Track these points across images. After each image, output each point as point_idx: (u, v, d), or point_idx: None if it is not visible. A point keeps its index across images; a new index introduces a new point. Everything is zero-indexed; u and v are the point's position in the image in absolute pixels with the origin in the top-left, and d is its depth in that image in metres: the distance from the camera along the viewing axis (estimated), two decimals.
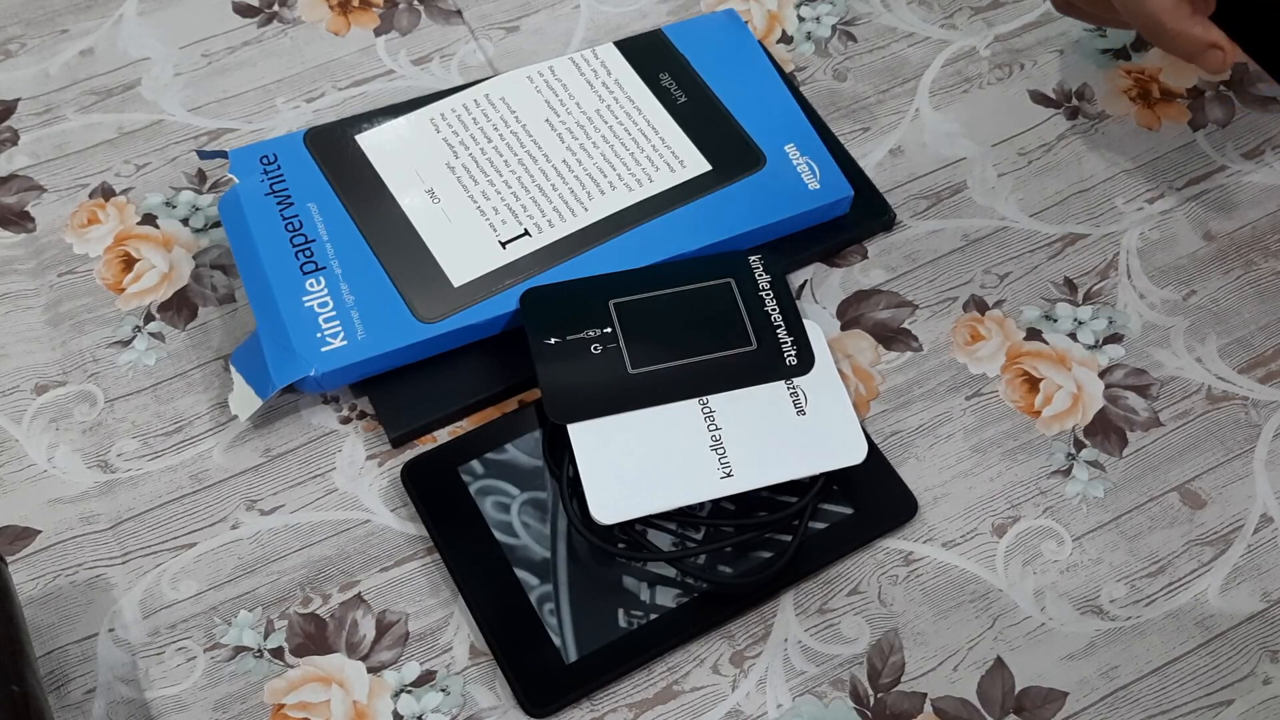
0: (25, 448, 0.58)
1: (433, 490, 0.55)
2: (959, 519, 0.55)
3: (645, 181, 0.61)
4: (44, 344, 0.61)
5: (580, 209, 0.60)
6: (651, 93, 0.64)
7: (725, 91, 0.65)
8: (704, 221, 0.60)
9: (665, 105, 0.64)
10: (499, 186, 0.61)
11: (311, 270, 0.58)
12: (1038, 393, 0.59)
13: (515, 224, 0.59)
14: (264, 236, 0.59)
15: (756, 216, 0.60)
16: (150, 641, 0.53)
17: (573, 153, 0.62)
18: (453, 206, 0.60)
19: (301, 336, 0.56)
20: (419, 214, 0.60)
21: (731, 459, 0.53)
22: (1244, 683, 0.51)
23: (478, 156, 0.62)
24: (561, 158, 0.62)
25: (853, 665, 0.52)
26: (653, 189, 0.61)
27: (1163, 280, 0.62)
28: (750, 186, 0.61)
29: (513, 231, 0.59)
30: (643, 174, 0.61)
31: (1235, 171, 0.66)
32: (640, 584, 0.53)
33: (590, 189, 0.61)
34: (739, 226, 0.60)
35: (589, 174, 0.61)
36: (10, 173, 0.66)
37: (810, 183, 0.61)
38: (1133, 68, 0.70)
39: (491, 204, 0.60)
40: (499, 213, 0.60)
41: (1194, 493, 0.56)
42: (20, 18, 0.72)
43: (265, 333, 0.56)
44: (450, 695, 0.51)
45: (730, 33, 0.68)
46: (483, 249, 0.59)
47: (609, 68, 0.65)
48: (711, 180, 0.61)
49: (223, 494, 0.56)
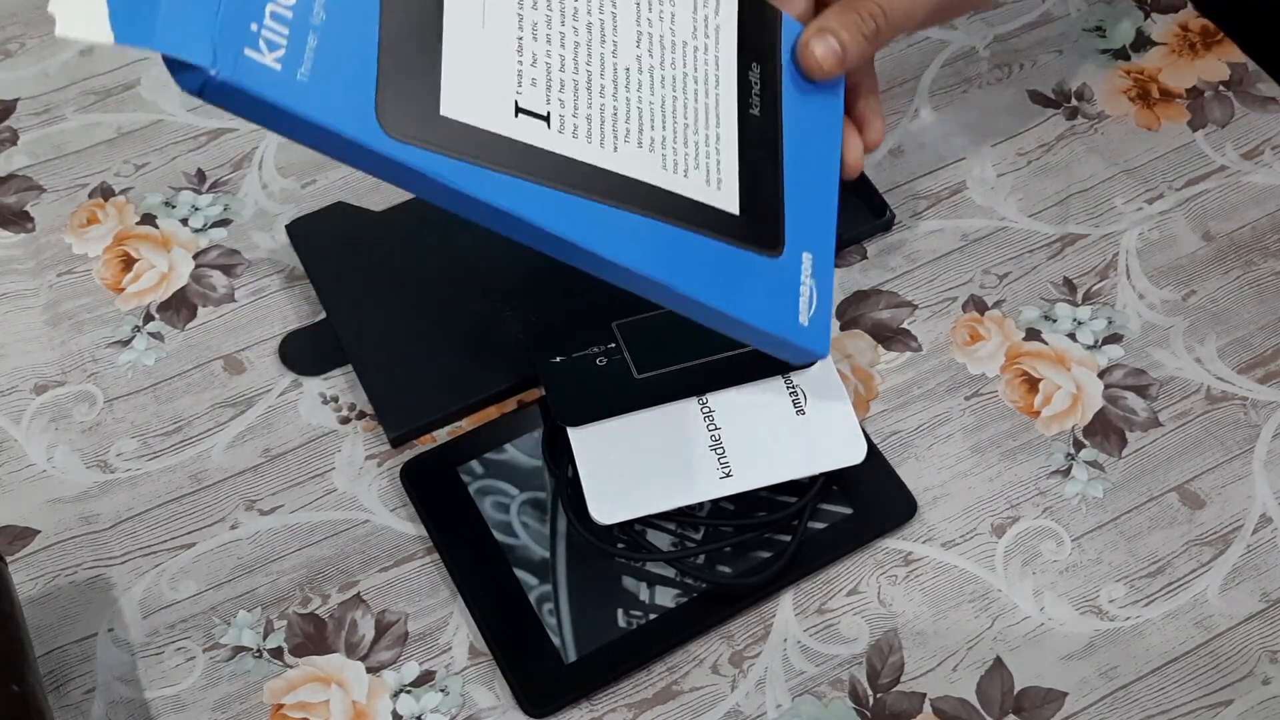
0: (24, 448, 0.58)
1: (432, 490, 0.55)
2: (958, 519, 0.55)
3: (680, 170, 0.48)
4: (43, 344, 0.61)
5: (611, 143, 0.46)
6: (736, 76, 0.50)
7: (792, 137, 0.51)
8: (694, 263, 0.48)
9: (739, 103, 0.50)
10: (554, 34, 0.45)
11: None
12: (1037, 393, 0.59)
13: (543, 97, 0.45)
14: None
15: (736, 302, 0.48)
16: (149, 641, 0.53)
17: (640, 69, 0.48)
18: (496, 9, 0.44)
19: (234, 11, 0.38)
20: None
21: (731, 459, 0.53)
22: (1243, 683, 0.51)
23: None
24: (627, 64, 0.47)
25: (852, 665, 0.52)
26: (681, 185, 0.48)
27: (1162, 280, 0.62)
28: (752, 267, 0.49)
29: (535, 103, 0.44)
30: (684, 159, 0.48)
31: (1235, 172, 0.66)
32: (640, 584, 0.53)
33: (632, 128, 0.47)
34: (716, 298, 0.48)
35: (640, 110, 0.47)
36: (9, 173, 0.66)
37: (801, 314, 0.50)
38: (1132, 68, 0.70)
39: (536, 48, 0.45)
40: (535, 65, 0.45)
41: (1193, 493, 0.56)
42: (20, 18, 0.72)
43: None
44: (449, 695, 0.51)
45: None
46: (493, 95, 0.44)
47: (719, 7, 0.50)
48: (728, 226, 0.48)
49: (222, 494, 0.56)
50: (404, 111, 0.41)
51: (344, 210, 0.64)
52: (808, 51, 0.50)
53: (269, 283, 0.62)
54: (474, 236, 0.63)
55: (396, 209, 0.64)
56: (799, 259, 0.50)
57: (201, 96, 0.38)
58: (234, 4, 0.38)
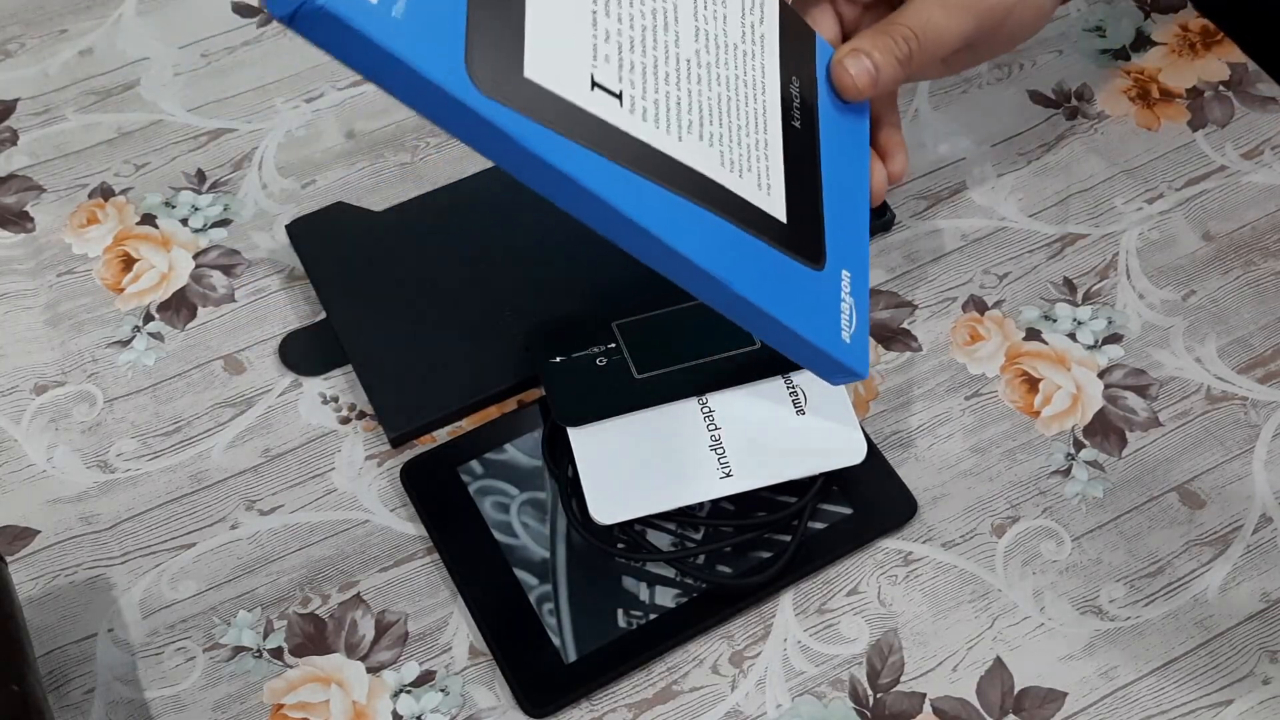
0: (24, 448, 0.58)
1: (432, 490, 0.55)
2: (958, 519, 0.55)
3: (737, 169, 0.47)
4: (43, 344, 0.61)
5: (676, 130, 0.46)
6: (780, 89, 0.50)
7: (827, 156, 0.51)
8: (749, 263, 0.47)
9: (783, 116, 0.50)
10: (624, 14, 0.45)
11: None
12: (1037, 393, 0.59)
13: (615, 74, 0.44)
14: None
15: (786, 309, 0.48)
16: (149, 642, 0.53)
17: (699, 61, 0.47)
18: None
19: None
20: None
21: (731, 459, 0.53)
22: (1243, 683, 0.51)
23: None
24: (688, 55, 0.47)
25: (852, 665, 0.52)
26: (737, 186, 0.47)
27: (1162, 280, 0.62)
28: (798, 276, 0.48)
29: (609, 79, 0.44)
30: (739, 160, 0.47)
31: (1234, 172, 0.66)
32: (640, 584, 0.53)
33: (694, 120, 0.46)
34: (766, 300, 0.47)
35: (701, 102, 0.47)
36: (9, 173, 0.66)
37: (844, 330, 0.50)
38: (1132, 68, 0.70)
39: (609, 24, 0.44)
40: (609, 42, 0.44)
41: (1193, 493, 0.56)
42: (20, 18, 0.72)
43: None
44: (449, 695, 0.51)
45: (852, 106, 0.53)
46: (571, 65, 0.43)
47: (764, 15, 0.50)
48: (778, 234, 0.48)
49: (222, 494, 0.56)
50: (491, 67, 0.40)
51: (344, 210, 0.64)
52: (842, 70, 0.50)
53: (269, 283, 0.62)
54: (474, 236, 0.63)
55: (396, 209, 0.64)
56: (839, 275, 0.50)
57: (291, 25, 0.37)
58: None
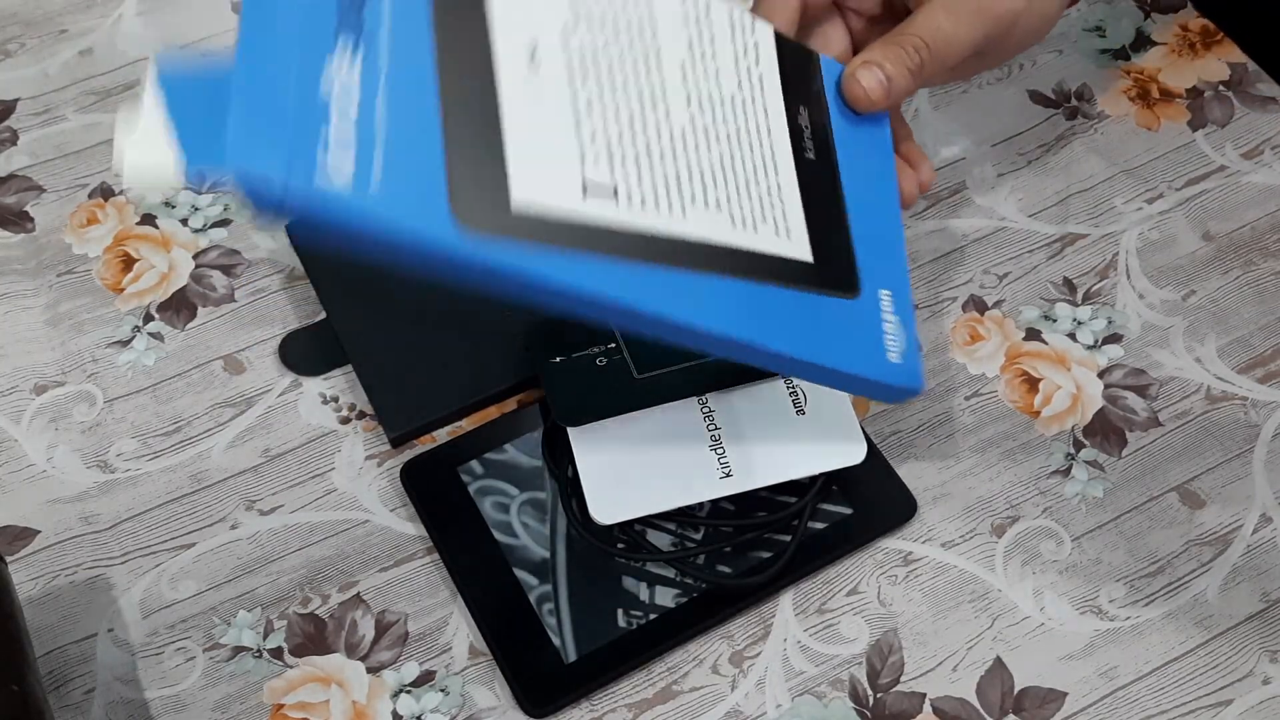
0: (24, 448, 0.58)
1: (432, 490, 0.55)
2: (958, 519, 0.55)
3: (749, 225, 0.46)
4: (43, 344, 0.61)
5: (679, 208, 0.44)
6: (786, 122, 0.49)
7: (849, 177, 0.50)
8: (777, 318, 0.46)
9: (794, 149, 0.49)
10: (608, 107, 0.44)
11: (350, 34, 0.38)
12: (1037, 393, 0.59)
13: (607, 170, 0.43)
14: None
15: (826, 351, 0.47)
16: (149, 642, 0.53)
17: (694, 130, 0.46)
18: (550, 91, 0.42)
19: (300, 131, 0.35)
20: (509, 71, 0.41)
21: (731, 459, 0.53)
22: (1243, 683, 0.51)
23: (599, 53, 0.44)
24: (682, 127, 0.46)
25: (852, 665, 0.52)
26: (752, 240, 0.46)
27: (1162, 280, 0.62)
28: (834, 312, 0.47)
29: (601, 175, 0.43)
30: (750, 214, 0.46)
31: (1234, 172, 0.66)
32: (639, 584, 0.53)
33: (696, 190, 0.45)
34: (803, 349, 0.46)
35: (701, 171, 0.46)
36: (9, 173, 0.66)
37: (891, 351, 0.49)
38: (1132, 68, 0.70)
39: (593, 123, 0.43)
40: (595, 140, 0.43)
41: (1193, 493, 0.56)
42: (19, 18, 0.72)
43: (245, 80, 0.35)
44: (449, 695, 0.51)
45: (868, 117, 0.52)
46: (560, 176, 0.42)
47: (759, 55, 0.49)
48: (805, 275, 0.47)
49: (222, 494, 0.56)
50: (477, 203, 0.39)
51: None
52: (854, 83, 0.50)
53: (269, 283, 0.62)
54: None
55: None
56: (876, 297, 0.49)
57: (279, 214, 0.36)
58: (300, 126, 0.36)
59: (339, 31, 0.37)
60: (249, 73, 0.35)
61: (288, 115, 0.35)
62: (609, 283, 0.42)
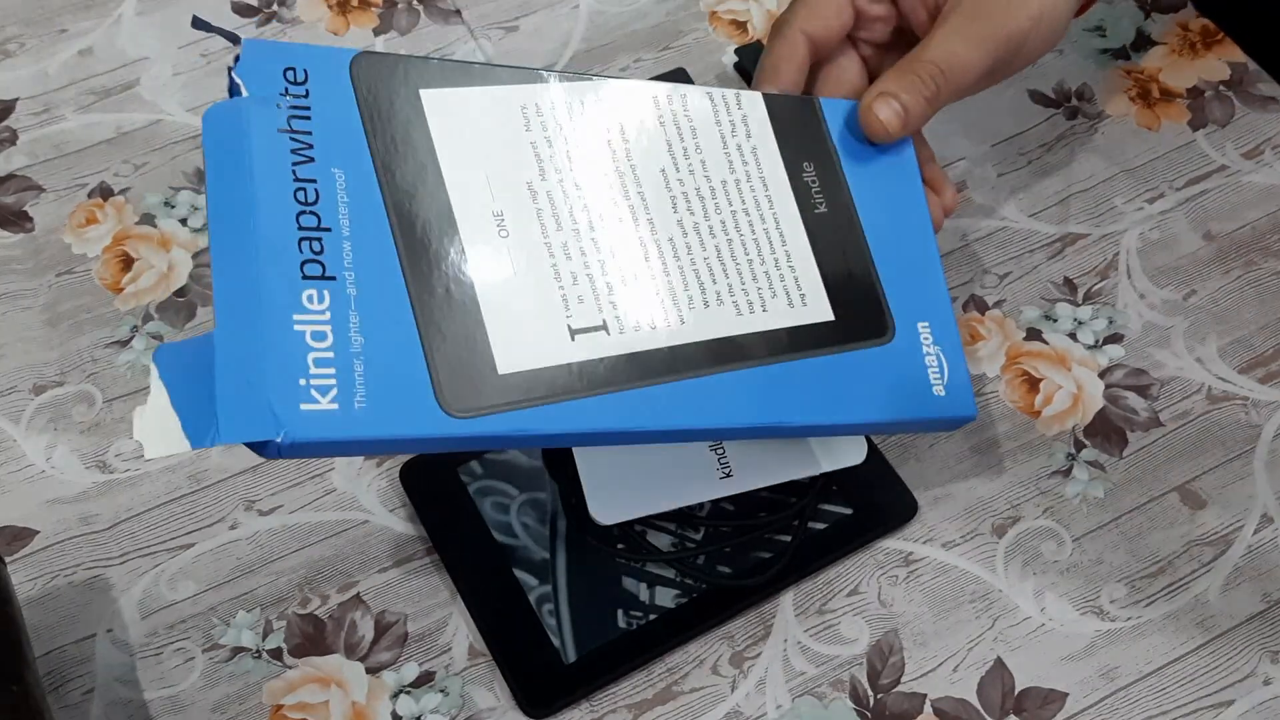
0: (23, 448, 0.57)
1: (432, 491, 0.55)
2: (959, 519, 0.55)
3: (756, 307, 0.45)
4: (42, 344, 0.60)
5: (676, 317, 0.44)
6: (790, 185, 0.48)
7: (870, 219, 0.49)
8: (804, 392, 0.45)
9: (801, 209, 0.48)
10: (587, 246, 0.44)
11: (316, 277, 0.40)
12: (1038, 393, 0.59)
13: (594, 309, 0.43)
14: (266, 195, 0.40)
15: (864, 408, 0.46)
16: (148, 642, 0.53)
17: (684, 232, 0.45)
18: (523, 251, 0.43)
19: (279, 378, 0.38)
20: (478, 246, 0.42)
21: (731, 459, 0.53)
22: (1244, 683, 0.51)
23: (570, 190, 0.44)
24: (669, 234, 0.45)
25: (852, 666, 0.52)
26: (763, 321, 0.45)
27: (1163, 280, 0.62)
28: (866, 362, 0.47)
29: (588, 319, 0.43)
30: (757, 295, 0.46)
31: (1235, 171, 0.66)
32: (639, 584, 0.53)
33: (694, 293, 0.45)
34: (841, 415, 0.46)
35: (696, 271, 0.45)
36: (9, 172, 0.66)
37: (935, 385, 0.48)
38: (1132, 68, 0.70)
39: (573, 267, 0.43)
40: (578, 284, 0.43)
41: (1194, 493, 0.56)
42: (19, 17, 0.72)
43: (225, 348, 0.38)
44: (449, 696, 0.51)
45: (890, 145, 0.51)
46: (545, 329, 0.42)
47: (750, 129, 0.48)
48: (828, 335, 0.46)
49: (221, 494, 0.56)
50: (464, 387, 0.40)
51: None
52: (871, 116, 0.50)
53: None
54: None
55: None
56: (914, 332, 0.48)
57: (281, 457, 0.38)
58: (277, 366, 0.38)
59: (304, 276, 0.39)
60: (227, 340, 0.38)
61: (267, 371, 0.38)
62: (611, 416, 0.42)
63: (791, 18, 0.52)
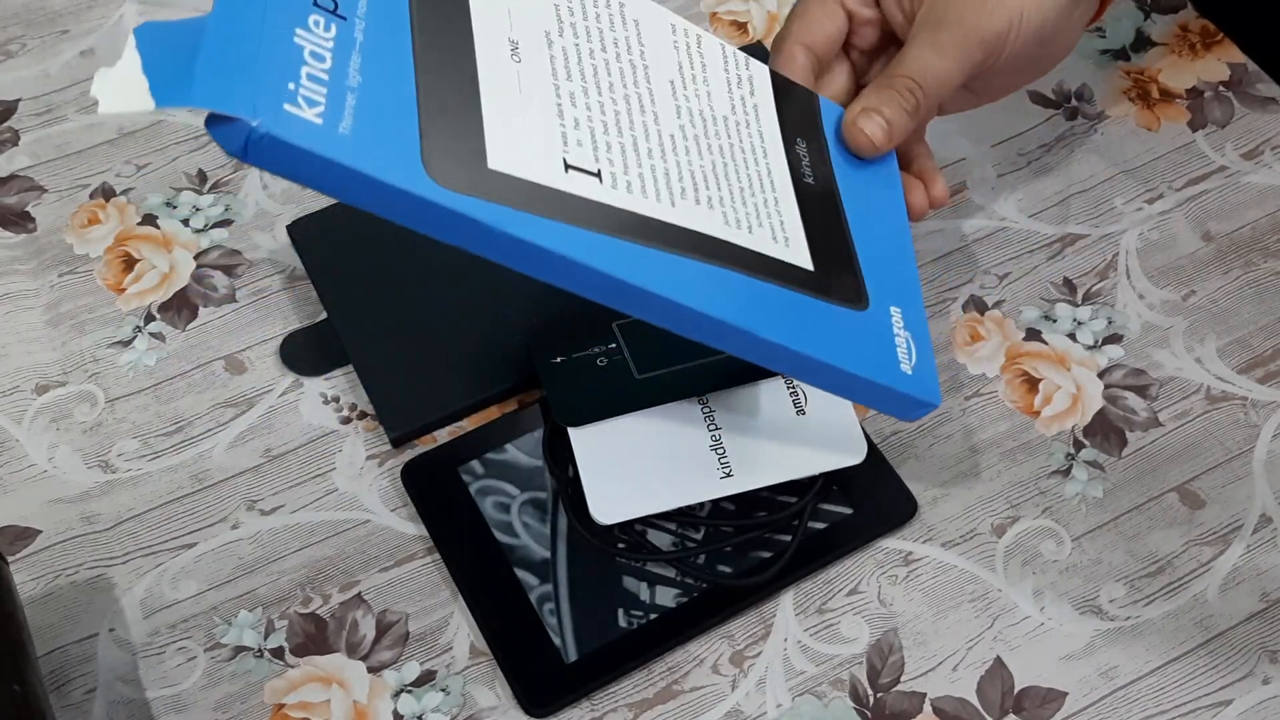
0: (26, 448, 0.58)
1: (433, 490, 0.55)
2: (958, 519, 0.56)
3: (744, 226, 0.46)
4: (44, 344, 0.61)
5: (667, 198, 0.44)
6: (783, 149, 0.49)
7: (852, 205, 0.50)
8: (777, 312, 0.45)
9: (791, 174, 0.49)
10: (593, 103, 0.44)
11: (328, 11, 0.39)
12: (1037, 393, 0.59)
13: (591, 155, 0.43)
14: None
15: (831, 349, 0.46)
16: (150, 641, 0.53)
17: (684, 135, 0.46)
18: (531, 80, 0.43)
19: (268, 70, 0.37)
20: (490, 57, 0.42)
21: (731, 459, 0.53)
22: (1243, 683, 0.52)
23: (584, 54, 0.45)
24: (670, 131, 0.46)
25: (852, 665, 0.52)
26: (748, 240, 0.46)
27: (1162, 280, 0.62)
28: (840, 319, 0.47)
29: (584, 160, 0.43)
30: (746, 218, 0.46)
31: (1234, 172, 0.66)
32: (640, 584, 0.53)
33: (687, 186, 0.45)
34: (808, 346, 0.45)
35: (692, 171, 0.46)
36: (11, 173, 0.66)
37: (904, 363, 0.48)
38: (1132, 68, 0.70)
39: (576, 113, 0.43)
40: (579, 128, 0.43)
41: (1193, 493, 0.56)
42: (20, 18, 0.72)
43: (218, 29, 0.37)
44: (450, 695, 0.52)
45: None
46: (540, 152, 0.42)
47: (754, 88, 0.50)
48: (806, 281, 0.47)
49: (223, 494, 0.56)
50: (452, 162, 0.39)
51: (345, 210, 0.64)
52: (855, 130, 0.50)
53: (270, 283, 0.62)
54: None
55: None
56: (887, 312, 0.49)
57: (244, 157, 0.36)
58: (269, 63, 0.37)
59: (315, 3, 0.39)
60: (222, 25, 0.37)
61: (258, 62, 0.36)
62: (585, 250, 0.41)
63: (788, 33, 0.52)
